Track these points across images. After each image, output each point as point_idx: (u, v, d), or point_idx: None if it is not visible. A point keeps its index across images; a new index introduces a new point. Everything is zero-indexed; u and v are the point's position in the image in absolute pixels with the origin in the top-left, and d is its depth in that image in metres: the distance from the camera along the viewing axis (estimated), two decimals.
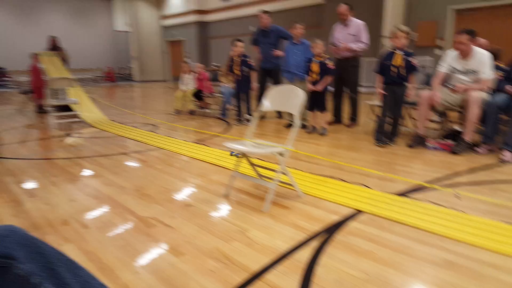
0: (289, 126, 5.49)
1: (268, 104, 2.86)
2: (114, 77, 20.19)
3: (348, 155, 3.89)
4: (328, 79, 4.87)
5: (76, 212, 2.47)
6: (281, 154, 2.53)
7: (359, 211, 2.43)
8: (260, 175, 2.93)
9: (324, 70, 4.84)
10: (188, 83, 7.45)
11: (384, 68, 4.24)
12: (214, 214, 2.45)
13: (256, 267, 1.78)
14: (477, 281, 1.66)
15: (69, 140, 4.74)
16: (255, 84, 5.94)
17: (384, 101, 4.29)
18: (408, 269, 1.76)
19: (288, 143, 2.58)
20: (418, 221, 2.25)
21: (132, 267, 1.79)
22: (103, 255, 1.91)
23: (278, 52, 5.98)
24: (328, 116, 5.23)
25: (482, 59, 3.88)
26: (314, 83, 4.89)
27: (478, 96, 3.77)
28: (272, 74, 6.15)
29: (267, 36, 6.07)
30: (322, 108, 5.00)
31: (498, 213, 2.38)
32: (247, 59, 5.84)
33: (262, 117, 6.30)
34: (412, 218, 2.30)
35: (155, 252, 1.94)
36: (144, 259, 1.87)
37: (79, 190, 2.93)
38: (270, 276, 1.71)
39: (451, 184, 2.96)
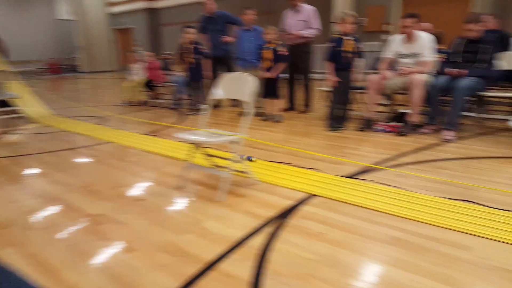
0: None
1: (220, 92, 2.82)
2: (60, 68, 19.02)
3: (302, 141, 3.96)
4: (281, 66, 4.90)
5: (18, 214, 2.32)
6: (235, 142, 2.52)
7: (312, 195, 2.49)
8: (216, 165, 2.91)
9: (276, 57, 4.86)
10: (137, 73, 7.19)
11: (335, 55, 4.32)
12: (168, 207, 2.39)
13: (209, 257, 1.77)
14: (421, 254, 1.76)
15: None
16: (208, 72, 5.84)
17: (334, 87, 4.39)
18: (358, 248, 1.83)
19: (241, 131, 2.56)
20: (367, 201, 2.35)
21: (80, 267, 1.71)
22: (49, 257, 1.81)
23: (228, 38, 5.89)
24: (282, 103, 5.27)
25: (425, 43, 4.07)
26: (268, 70, 4.90)
27: (421, 78, 3.96)
28: (223, 61, 6.06)
29: (214, 23, 5.94)
30: (275, 95, 5.03)
31: (440, 189, 2.53)
32: (199, 47, 5.72)
33: (217, 106, 6.23)
34: (361, 199, 2.39)
35: (104, 250, 1.86)
36: (93, 258, 1.79)
37: (20, 190, 2.74)
38: (223, 265, 1.71)
39: (397, 164, 3.10)
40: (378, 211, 2.22)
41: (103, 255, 1.82)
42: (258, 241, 1.91)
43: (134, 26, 17.59)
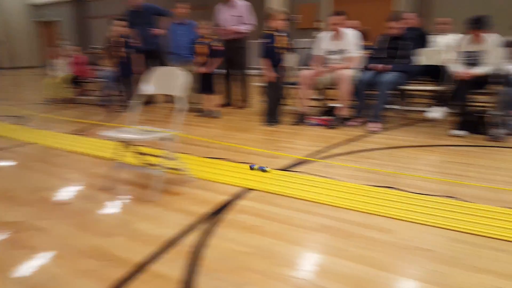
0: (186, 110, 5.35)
1: (151, 87, 2.71)
2: None
3: (240, 136, 3.96)
4: (217, 61, 4.85)
5: None
6: (167, 139, 2.44)
7: (248, 189, 2.50)
8: (149, 164, 2.79)
9: (211, 52, 4.80)
10: (61, 69, 6.68)
11: (269, 51, 4.37)
12: (95, 210, 2.25)
13: (139, 259, 1.69)
14: (349, 240, 1.85)
15: None
16: (138, 67, 5.60)
17: (269, 82, 4.45)
18: (291, 238, 1.87)
19: (174, 127, 2.49)
20: (301, 192, 2.41)
21: None
22: None
23: (157, 31, 5.69)
24: (218, 98, 5.23)
25: (351, 39, 4.29)
26: (203, 65, 4.82)
27: (349, 74, 4.17)
28: (155, 55, 5.85)
29: (141, 16, 5.71)
30: (211, 90, 4.98)
31: (367, 178, 2.68)
32: (129, 40, 5.46)
33: (150, 102, 5.99)
34: (295, 190, 2.45)
35: (23, 260, 1.70)
36: (9, 269, 1.62)
37: None
38: (155, 266, 1.64)
39: (328, 155, 3.23)
40: (311, 201, 2.29)
41: (22, 265, 1.66)
42: (192, 239, 1.87)
43: (60, 19, 16.33)
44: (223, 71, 5.51)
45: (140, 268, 1.62)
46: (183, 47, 5.20)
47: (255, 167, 2.86)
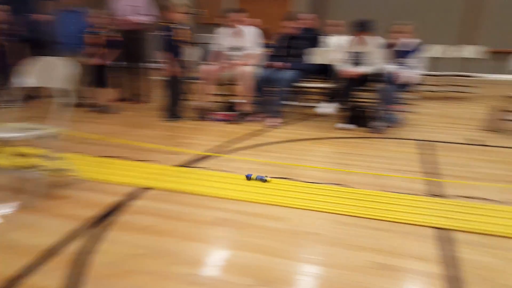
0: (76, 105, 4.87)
1: (31, 80, 2.41)
2: None
3: (138, 133, 3.76)
4: (114, 52, 4.53)
5: None
6: (50, 137, 2.18)
7: (145, 188, 2.37)
8: (27, 166, 2.47)
9: (108, 42, 4.46)
10: None
11: (168, 44, 4.22)
12: None
13: (11, 272, 1.48)
14: (244, 230, 1.88)
15: None
16: (18, 58, 4.93)
17: (170, 76, 4.31)
18: (187, 234, 1.83)
19: (58, 124, 2.23)
20: (200, 188, 2.38)
21: None
22: None
23: (40, 17, 5.10)
24: (113, 92, 4.89)
25: (251, 37, 4.39)
26: (96, 56, 4.45)
27: (249, 70, 4.26)
28: (39, 45, 5.22)
29: (22, 2, 5.06)
30: (105, 84, 4.63)
31: (265, 170, 2.75)
32: (10, 28, 4.78)
33: (32, 97, 5.31)
34: (195, 186, 2.41)
35: None
36: None
37: None
38: (31, 278, 1.45)
39: (230, 150, 3.26)
40: (209, 196, 2.28)
41: None
42: (76, 245, 1.70)
43: None
44: (121, 64, 5.16)
45: (13, 282, 1.42)
46: (71, 36, 4.72)
47: (252, 176, 2.56)
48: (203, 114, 4.39)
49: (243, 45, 4.40)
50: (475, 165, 2.95)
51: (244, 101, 4.35)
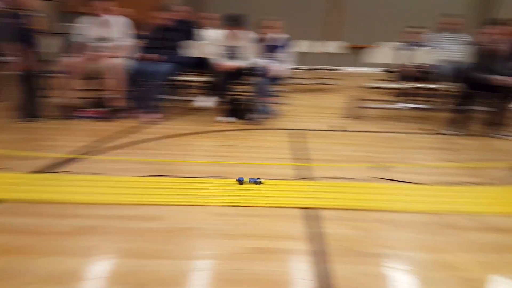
0: None
1: None
2: None
3: None
4: None
5: None
6: None
7: None
8: None
9: None
10: None
11: (17, 33, 3.62)
12: None
13: None
14: (115, 235, 1.74)
15: None
16: None
17: (23, 70, 3.72)
18: (46, 248, 1.61)
19: None
20: (60, 195, 2.11)
21: None
22: None
23: None
24: None
25: (120, 27, 4.07)
26: None
27: (118, 63, 3.96)
28: None
29: None
30: None
31: (143, 169, 2.60)
32: None
33: None
34: (54, 194, 2.13)
35: None
36: None
37: None
38: None
39: (101, 150, 2.98)
40: (74, 203, 2.04)
41: None
42: None
43: None
44: None
45: None
46: None
47: (245, 179, 2.35)
48: (68, 112, 3.93)
49: (110, 35, 4.06)
50: (337, 149, 3.30)
51: (115, 96, 4.03)
